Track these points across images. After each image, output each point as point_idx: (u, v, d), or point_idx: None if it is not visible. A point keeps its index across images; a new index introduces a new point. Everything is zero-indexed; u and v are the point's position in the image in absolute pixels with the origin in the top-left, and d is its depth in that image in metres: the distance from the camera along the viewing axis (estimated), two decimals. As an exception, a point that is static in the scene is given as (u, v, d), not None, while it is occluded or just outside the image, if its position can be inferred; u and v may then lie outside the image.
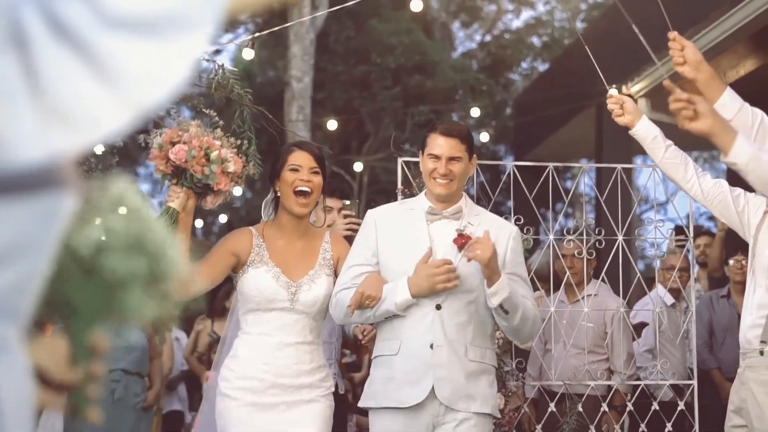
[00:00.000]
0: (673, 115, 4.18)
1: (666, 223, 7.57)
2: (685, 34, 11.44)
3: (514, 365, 7.01)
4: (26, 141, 1.30)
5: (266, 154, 5.37)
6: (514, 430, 7.14)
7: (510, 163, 7.37)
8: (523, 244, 5.84)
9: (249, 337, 5.29)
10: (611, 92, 5.70)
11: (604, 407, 7.34)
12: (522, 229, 6.45)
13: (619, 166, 7.14)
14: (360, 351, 8.58)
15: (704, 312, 8.98)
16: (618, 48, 15.73)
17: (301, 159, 5.37)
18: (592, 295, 7.59)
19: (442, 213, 5.25)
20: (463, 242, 5.07)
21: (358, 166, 20.86)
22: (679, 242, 7.83)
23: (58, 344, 1.52)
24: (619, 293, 7.68)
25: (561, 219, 9.28)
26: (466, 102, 23.21)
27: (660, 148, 5.53)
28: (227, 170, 5.06)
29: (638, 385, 7.53)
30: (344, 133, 23.20)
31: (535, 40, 30.47)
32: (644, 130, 5.56)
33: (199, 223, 25.74)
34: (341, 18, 23.42)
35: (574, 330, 7.36)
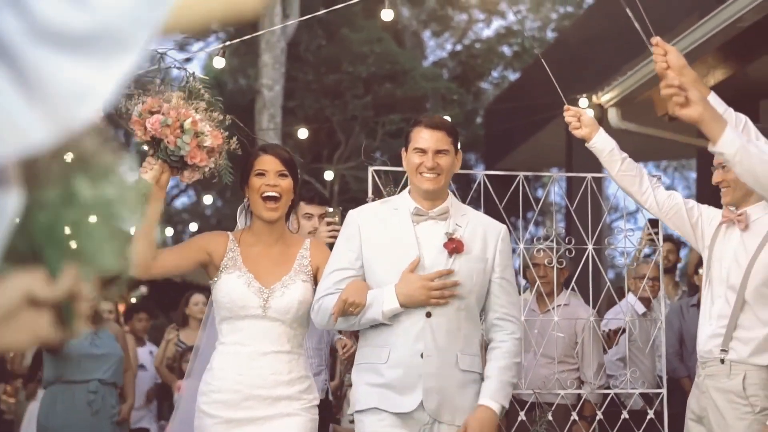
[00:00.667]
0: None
1: (636, 232, 7.59)
2: (649, 48, 11.49)
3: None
4: None
5: (236, 162, 5.27)
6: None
7: (480, 172, 7.37)
8: None
9: (223, 347, 5.09)
10: (568, 105, 5.72)
11: (574, 416, 7.35)
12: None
13: (590, 175, 7.15)
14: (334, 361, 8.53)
15: (674, 321, 9.02)
16: (588, 58, 15.79)
17: (267, 163, 5.18)
18: (562, 305, 7.60)
19: (428, 213, 5.05)
20: (454, 247, 4.95)
21: (329, 175, 20.89)
22: (650, 236, 7.82)
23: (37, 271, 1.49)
24: (589, 302, 7.69)
25: (531, 228, 9.30)
26: (436, 111, 23.24)
27: (616, 161, 5.59)
28: (203, 144, 4.88)
29: (608, 393, 7.55)
30: (315, 142, 23.18)
31: (506, 50, 30.56)
32: (601, 143, 5.60)
33: (169, 231, 25.67)
34: (312, 27, 23.42)
35: (544, 339, 7.37)
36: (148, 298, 15.81)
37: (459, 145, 5.24)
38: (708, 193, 5.67)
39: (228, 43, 7.41)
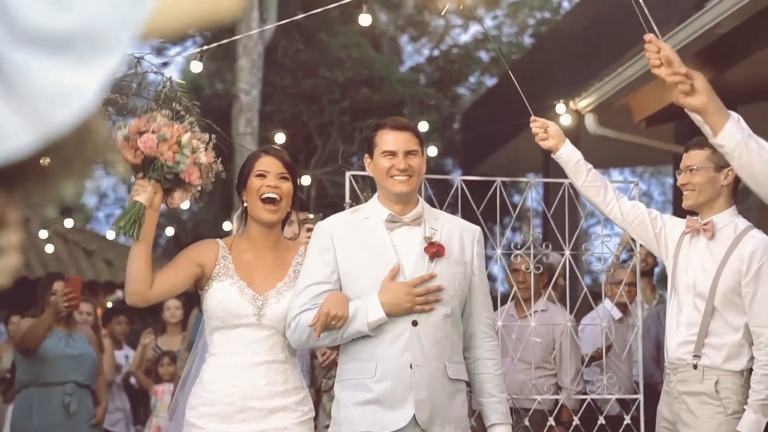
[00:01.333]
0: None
1: (613, 238, 7.61)
2: (632, 50, 11.53)
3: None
4: None
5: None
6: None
7: (458, 178, 7.37)
8: None
9: (215, 358, 4.86)
10: (534, 116, 5.72)
11: (551, 421, 7.35)
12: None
13: (567, 181, 7.15)
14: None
15: (651, 326, 9.03)
16: (565, 63, 15.83)
17: (269, 164, 4.98)
18: (540, 310, 7.61)
19: (402, 219, 4.85)
20: (435, 251, 4.77)
21: (306, 180, 20.83)
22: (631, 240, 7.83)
23: None
24: (565, 308, 7.70)
25: (508, 233, 9.30)
26: (413, 116, 23.22)
27: (582, 172, 5.61)
28: (199, 161, 4.79)
29: (585, 399, 7.56)
30: (292, 147, 23.10)
31: (483, 55, 30.60)
32: (567, 154, 5.61)
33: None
34: (290, 31, 23.40)
35: (522, 345, 7.37)
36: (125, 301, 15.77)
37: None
38: (679, 209, 5.69)
39: (205, 47, 7.39)
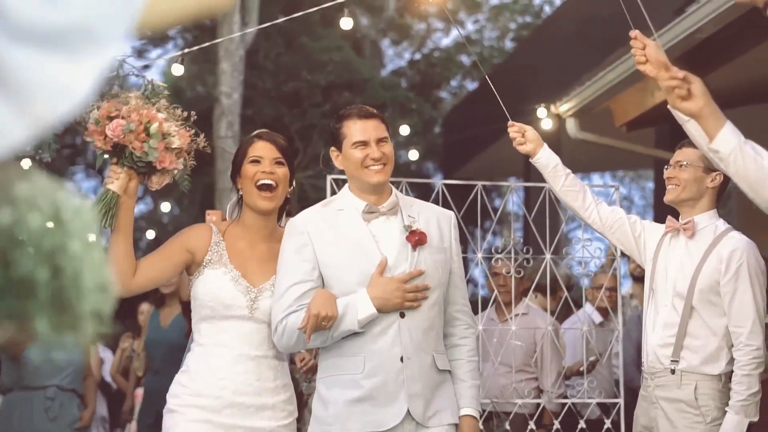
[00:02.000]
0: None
1: (594, 242, 7.62)
2: (614, 54, 11.56)
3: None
4: None
5: (195, 170, 5.10)
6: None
7: (439, 182, 7.37)
8: None
9: (203, 349, 4.67)
10: (512, 121, 5.72)
11: (532, 425, 7.36)
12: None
13: (547, 185, 7.16)
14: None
15: (633, 330, 9.05)
16: (546, 67, 15.85)
17: (263, 150, 4.82)
18: (521, 314, 7.62)
19: (379, 209, 4.69)
20: (417, 239, 4.63)
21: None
22: None
23: None
24: (546, 312, 7.72)
25: (489, 237, 9.30)
26: (395, 120, 23.20)
27: (560, 176, 5.62)
28: (171, 146, 4.58)
29: (565, 403, 7.57)
30: (273, 150, 23.10)
31: (464, 59, 30.60)
32: (545, 158, 5.63)
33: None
34: (271, 35, 23.37)
35: (503, 348, 7.38)
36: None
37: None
38: (665, 203, 5.69)
39: (187, 50, 7.37)
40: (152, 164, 4.59)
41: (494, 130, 16.24)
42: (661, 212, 5.79)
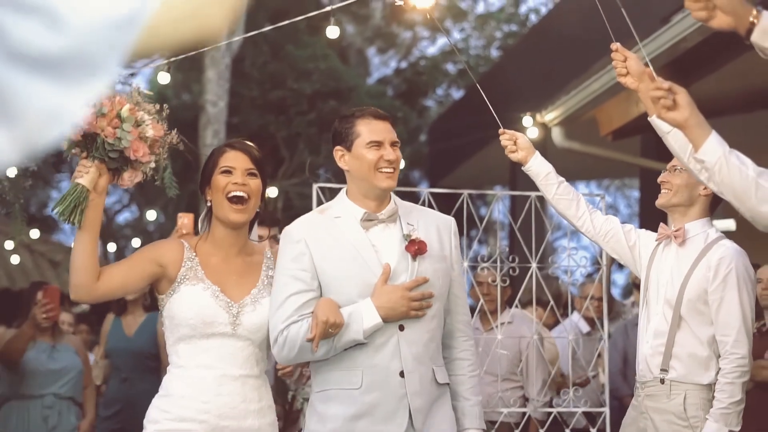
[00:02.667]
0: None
1: (579, 251, 7.62)
2: (599, 63, 11.58)
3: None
4: None
5: (181, 178, 5.05)
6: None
7: (425, 190, 7.36)
8: None
9: (183, 371, 4.40)
10: (503, 129, 5.71)
11: (518, 434, 7.36)
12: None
13: (533, 194, 7.16)
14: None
15: (619, 340, 9.06)
16: (532, 76, 15.87)
17: (235, 160, 4.54)
18: (506, 323, 7.62)
19: (377, 217, 4.49)
20: (417, 248, 4.44)
21: (273, 191, 20.79)
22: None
23: None
24: (532, 320, 7.72)
25: (475, 246, 9.30)
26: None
27: (552, 184, 5.59)
28: (145, 134, 4.33)
29: (551, 412, 7.57)
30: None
31: (450, 67, 30.63)
32: (537, 166, 5.60)
33: (111, 246, 25.46)
34: (257, 43, 23.38)
35: (488, 357, 7.37)
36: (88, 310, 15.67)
37: None
38: (651, 212, 5.70)
39: (173, 58, 7.35)
40: (124, 155, 4.33)
41: (480, 138, 16.29)
42: (647, 221, 5.79)
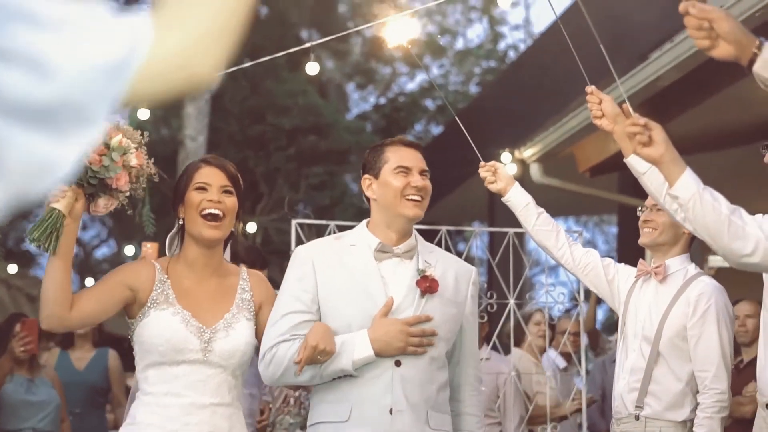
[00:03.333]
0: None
1: (557, 287, 7.64)
2: (577, 100, 11.63)
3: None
4: None
5: (159, 213, 5.03)
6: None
7: (404, 226, 7.36)
8: None
9: (151, 398, 4.20)
10: (483, 162, 5.72)
11: (496, 470, 7.35)
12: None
13: (512, 230, 7.19)
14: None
15: (597, 375, 9.08)
16: (511, 113, 15.93)
17: (210, 176, 4.37)
18: (483, 359, 7.62)
19: (393, 250, 4.35)
20: (428, 285, 4.29)
21: (252, 227, 20.78)
22: None
23: None
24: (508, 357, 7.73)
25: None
26: (360, 164, 23.30)
27: (532, 215, 5.58)
28: (128, 163, 4.14)
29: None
30: (238, 193, 23.06)
31: (429, 103, 30.70)
32: (516, 197, 5.60)
33: (89, 281, 25.32)
34: (237, 78, 23.39)
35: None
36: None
37: None
38: (629, 248, 5.72)
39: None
40: (104, 182, 4.13)
41: (459, 174, 16.31)
42: (625, 257, 5.80)
